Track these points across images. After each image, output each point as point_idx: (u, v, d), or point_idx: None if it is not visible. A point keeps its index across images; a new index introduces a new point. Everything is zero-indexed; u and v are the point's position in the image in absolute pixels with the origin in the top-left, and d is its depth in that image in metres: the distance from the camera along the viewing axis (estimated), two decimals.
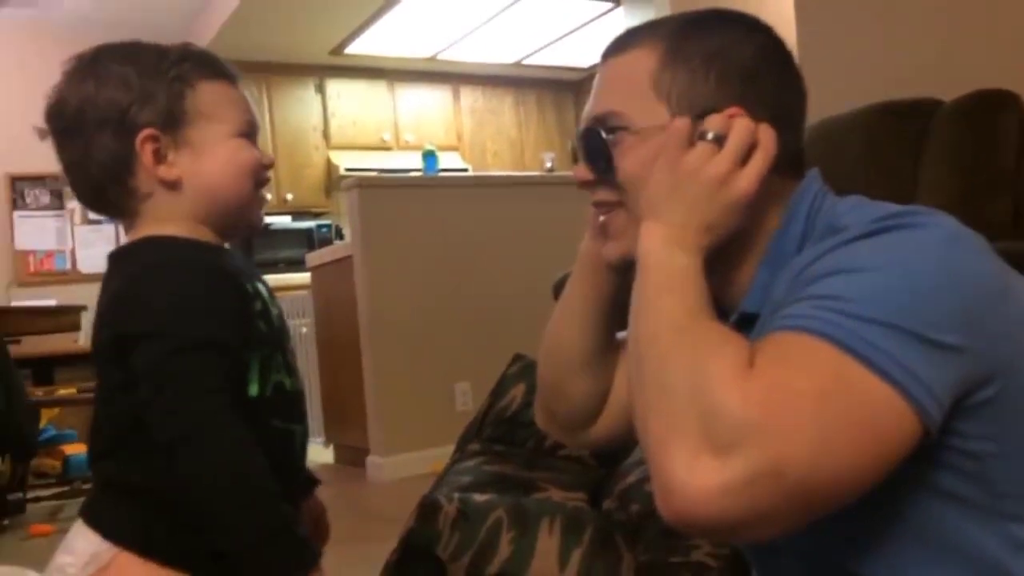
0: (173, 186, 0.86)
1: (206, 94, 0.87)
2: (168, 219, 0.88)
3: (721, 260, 0.77)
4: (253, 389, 0.85)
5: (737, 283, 0.79)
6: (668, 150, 0.74)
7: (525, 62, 6.43)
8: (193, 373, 0.79)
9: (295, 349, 0.96)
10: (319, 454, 4.45)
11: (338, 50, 5.79)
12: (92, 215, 5.57)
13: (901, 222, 0.66)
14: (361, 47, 5.78)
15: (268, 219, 5.85)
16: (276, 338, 0.89)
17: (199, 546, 0.82)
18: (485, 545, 1.23)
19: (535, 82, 6.82)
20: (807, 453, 0.57)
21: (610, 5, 5.28)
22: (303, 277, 4.63)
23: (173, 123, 0.85)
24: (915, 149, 1.96)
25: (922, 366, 0.59)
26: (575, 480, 1.58)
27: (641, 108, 0.78)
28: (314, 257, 4.27)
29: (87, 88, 0.85)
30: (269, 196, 0.96)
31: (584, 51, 6.27)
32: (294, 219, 5.96)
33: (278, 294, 3.91)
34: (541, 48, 6.16)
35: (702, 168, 0.73)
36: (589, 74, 6.79)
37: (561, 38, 5.97)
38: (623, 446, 0.93)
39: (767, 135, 0.74)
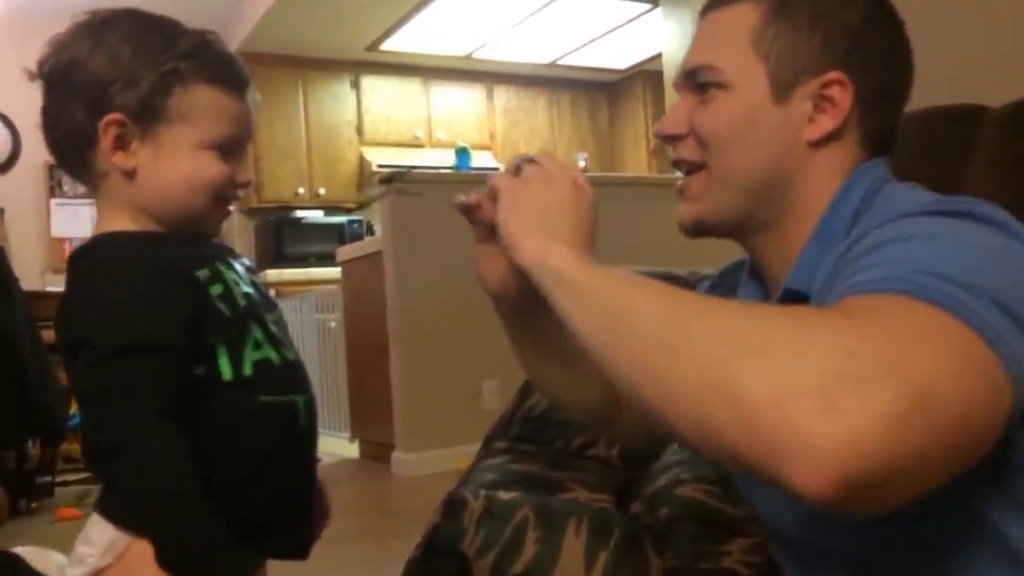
0: (128, 175, 0.84)
1: (195, 97, 0.84)
2: (121, 206, 0.87)
3: (770, 228, 0.74)
4: (226, 372, 0.84)
5: (783, 256, 0.76)
6: (505, 184, 0.76)
7: (560, 62, 6.41)
8: (119, 382, 0.78)
9: (284, 321, 0.95)
10: (344, 448, 4.46)
11: (374, 46, 5.81)
12: None
13: (962, 208, 0.62)
14: (397, 44, 5.80)
15: (299, 213, 5.89)
16: (246, 317, 0.87)
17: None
18: (510, 543, 1.21)
19: (569, 83, 6.80)
20: (945, 385, 0.50)
21: (648, 6, 5.24)
22: (333, 272, 4.64)
23: (147, 116, 0.83)
24: (961, 155, 1.92)
25: (1007, 331, 0.53)
26: (602, 481, 1.56)
27: (738, 65, 0.75)
28: (345, 252, 4.29)
29: (81, 50, 0.83)
30: (233, 209, 0.92)
31: (620, 53, 6.24)
32: (326, 214, 5.99)
33: (307, 288, 3.95)
34: (577, 48, 6.13)
35: (549, 181, 0.74)
36: (625, 76, 6.76)
37: (597, 39, 5.94)
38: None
39: (841, 94, 0.72)
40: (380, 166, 5.66)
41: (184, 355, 0.81)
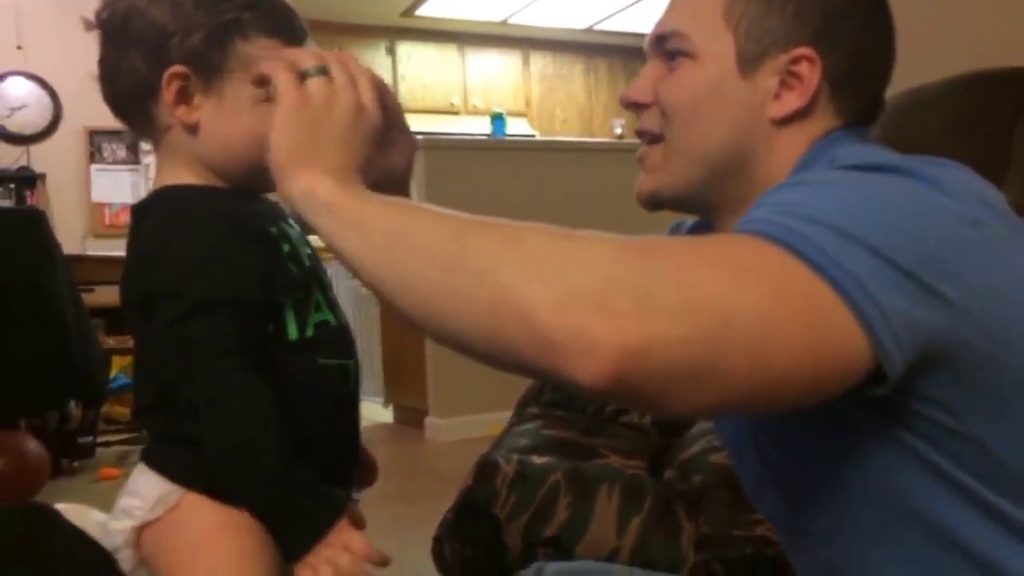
0: (191, 129, 0.83)
1: (255, 48, 0.81)
2: (184, 161, 0.85)
3: (734, 204, 0.72)
4: (292, 332, 0.83)
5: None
6: (286, 95, 0.70)
7: (597, 28, 6.32)
8: (208, 335, 0.77)
9: (333, 284, 0.95)
10: (378, 414, 4.50)
11: (409, 11, 5.77)
12: None
13: (884, 162, 0.60)
14: (433, 9, 5.75)
15: None
16: (310, 278, 0.87)
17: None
18: (543, 507, 1.22)
19: (606, 48, 6.71)
20: (739, 310, 0.51)
21: None
22: None
23: (209, 67, 0.81)
24: (1010, 120, 1.86)
25: (880, 288, 0.52)
26: (635, 448, 1.55)
27: (707, 34, 0.72)
28: None
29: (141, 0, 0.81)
30: None
31: (657, 18, 6.13)
32: None
33: None
34: (614, 14, 6.04)
35: (331, 104, 0.70)
36: None
37: (634, 4, 5.84)
38: None
39: (810, 71, 0.70)
40: (415, 133, 5.64)
41: (262, 311, 0.81)
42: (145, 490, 0.82)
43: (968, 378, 0.57)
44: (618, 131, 5.29)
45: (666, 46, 0.75)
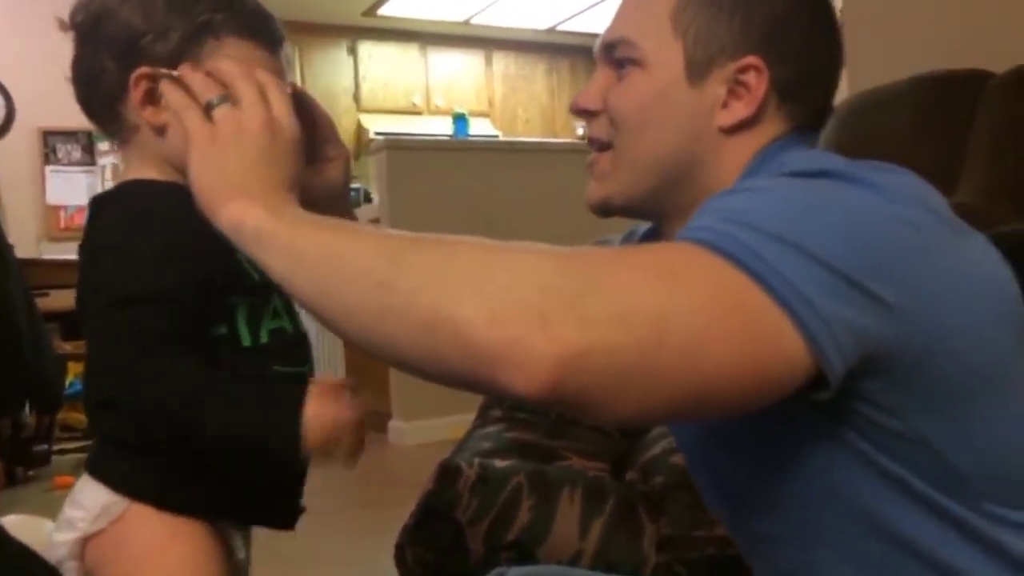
0: (158, 130, 0.81)
1: (227, 50, 0.80)
2: (151, 161, 0.84)
3: (684, 212, 0.71)
4: (245, 338, 0.82)
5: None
6: (194, 134, 0.70)
7: (559, 28, 6.34)
8: (131, 328, 0.76)
9: None
10: None
11: (371, 11, 5.74)
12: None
13: (827, 168, 0.60)
14: (394, 9, 5.72)
15: None
16: (270, 284, 0.85)
17: (212, 491, 0.80)
18: (505, 510, 1.21)
19: (569, 49, 6.72)
20: (674, 317, 0.51)
21: None
22: None
23: (176, 66, 0.79)
24: (965, 122, 1.90)
25: (820, 295, 0.52)
26: (597, 450, 1.55)
27: (655, 42, 0.72)
28: None
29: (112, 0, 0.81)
30: None
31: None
32: None
33: None
34: (576, 14, 6.06)
35: (240, 130, 0.69)
36: None
37: (596, 4, 5.86)
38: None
39: (757, 80, 0.70)
40: (377, 133, 5.62)
41: (196, 313, 0.79)
42: (88, 500, 0.80)
43: (908, 380, 0.57)
44: (580, 132, 5.31)
45: (614, 54, 0.75)
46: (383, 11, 5.74)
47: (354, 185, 6.11)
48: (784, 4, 0.72)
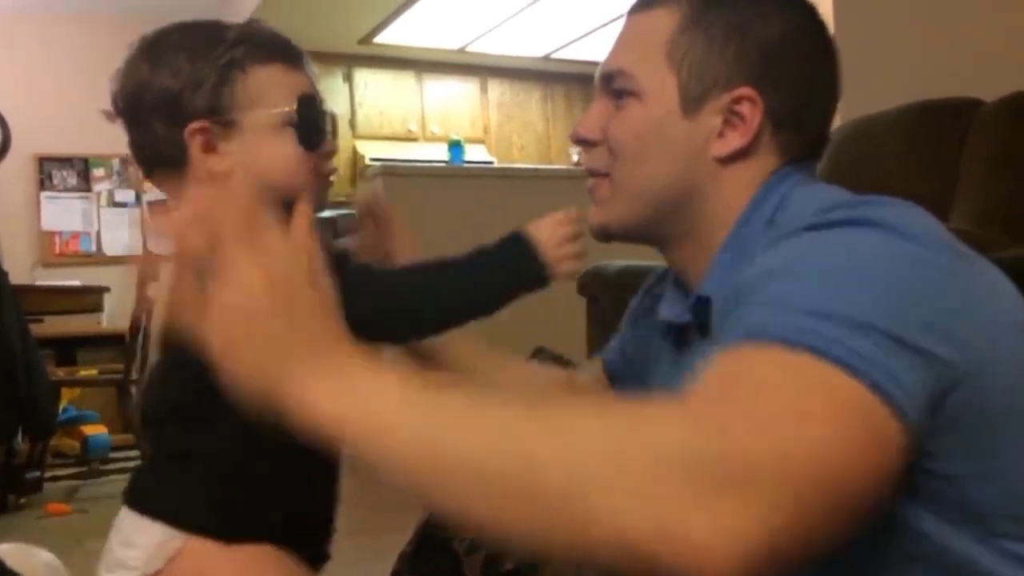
0: (227, 176, 0.83)
1: (257, 79, 0.83)
2: None
3: (684, 238, 0.73)
4: None
5: (699, 266, 0.75)
6: (218, 325, 0.58)
7: (554, 56, 6.38)
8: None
9: None
10: None
11: (367, 39, 5.78)
12: (117, 198, 5.58)
13: (851, 215, 0.59)
14: (390, 37, 5.76)
15: None
16: None
17: (272, 514, 0.79)
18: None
19: (564, 77, 6.77)
20: (833, 461, 0.48)
21: None
22: None
23: (223, 111, 0.82)
24: (956, 148, 1.91)
25: (894, 364, 0.51)
26: None
27: (651, 73, 0.73)
28: (337, 245, 4.26)
29: (142, 73, 0.84)
30: (333, 178, 0.92)
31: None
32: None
33: None
34: (571, 42, 6.10)
35: (243, 301, 0.57)
36: None
37: (591, 32, 5.91)
38: None
39: (751, 111, 0.70)
40: (373, 159, 5.63)
41: None
42: (142, 540, 0.78)
43: (952, 424, 0.56)
44: (575, 158, 5.33)
45: (612, 85, 0.76)
46: (379, 39, 5.78)
47: (349, 211, 6.11)
48: (778, 34, 0.72)
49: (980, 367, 0.56)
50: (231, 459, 0.79)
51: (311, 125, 0.85)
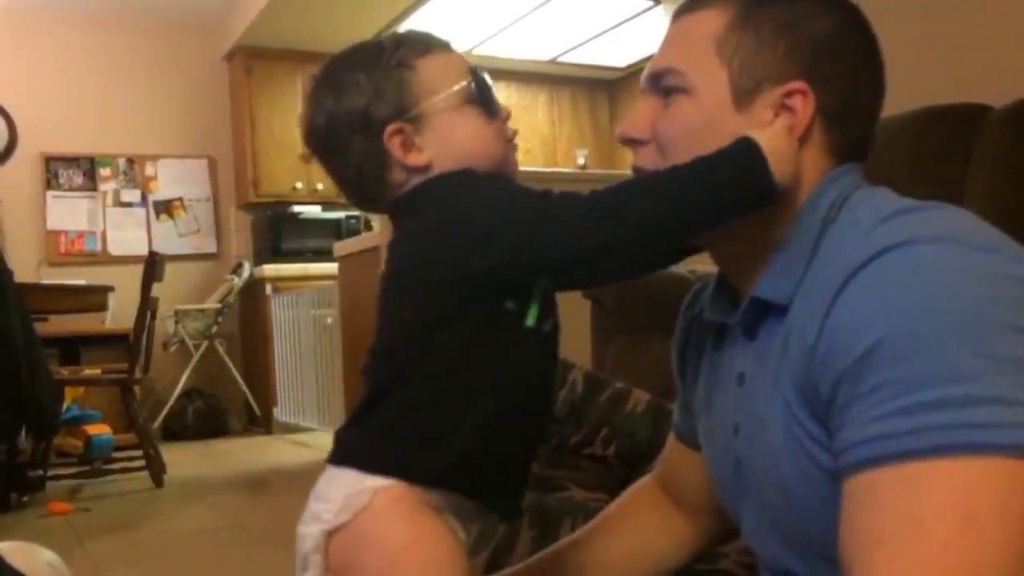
0: (425, 170, 0.87)
1: (427, 70, 0.88)
2: None
3: (734, 236, 0.72)
4: (530, 319, 0.82)
5: (749, 264, 0.75)
6: None
7: (561, 60, 6.38)
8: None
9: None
10: None
11: None
12: (124, 198, 5.59)
13: (915, 234, 0.61)
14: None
15: (297, 208, 5.87)
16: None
17: (465, 460, 0.79)
18: (506, 541, 1.20)
19: (570, 80, 6.77)
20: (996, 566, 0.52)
21: (649, 3, 5.22)
22: (331, 267, 4.62)
23: (407, 108, 0.86)
24: (963, 155, 1.90)
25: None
26: (598, 480, 1.54)
27: (701, 70, 0.74)
28: (341, 247, 4.26)
29: (327, 104, 0.88)
30: (516, 141, 0.94)
31: (621, 50, 6.21)
32: (324, 209, 5.97)
33: (304, 284, 3.93)
34: (577, 46, 6.11)
35: None
36: (626, 74, 6.74)
37: (598, 36, 5.91)
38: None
39: (803, 104, 0.71)
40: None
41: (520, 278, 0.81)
42: (333, 492, 0.80)
43: None
44: (581, 161, 5.33)
45: (662, 83, 0.76)
46: None
47: (354, 213, 6.14)
48: (829, 30, 0.73)
49: None
50: (433, 399, 0.79)
51: (487, 94, 0.90)
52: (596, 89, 6.93)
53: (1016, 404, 0.53)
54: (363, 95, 0.86)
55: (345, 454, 0.82)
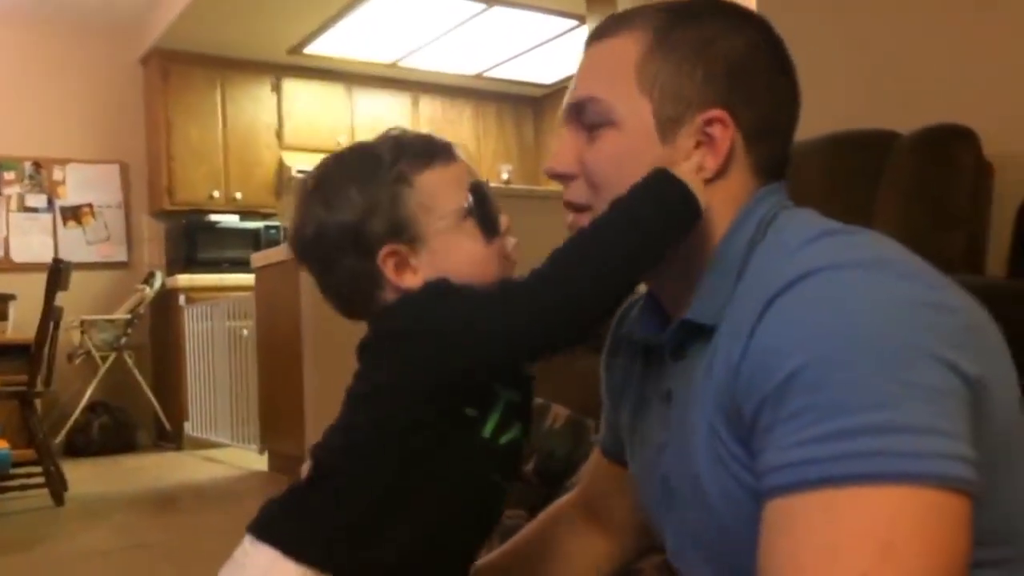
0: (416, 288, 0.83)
1: (425, 186, 0.83)
2: None
3: (671, 260, 0.72)
4: (487, 430, 0.79)
5: (680, 287, 0.75)
6: None
7: (486, 75, 6.41)
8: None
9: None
10: (253, 461, 4.32)
11: (297, 49, 5.70)
12: (29, 202, 5.38)
13: (837, 259, 0.62)
14: (321, 48, 5.70)
15: (214, 217, 5.72)
16: (526, 403, 0.85)
17: (397, 567, 0.77)
18: None
19: (496, 95, 6.80)
20: None
21: (575, 23, 5.29)
22: (248, 278, 4.52)
23: (403, 228, 0.82)
24: (872, 180, 1.96)
25: (942, 432, 0.54)
26: (517, 498, 1.53)
27: (624, 99, 0.73)
28: (259, 258, 4.17)
29: (319, 214, 0.83)
30: (513, 241, 0.88)
31: (546, 67, 6.27)
32: (242, 218, 5.83)
33: (220, 295, 3.81)
34: (503, 61, 6.14)
35: None
36: (551, 91, 6.80)
37: (524, 53, 5.96)
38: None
39: (722, 132, 0.71)
40: (299, 171, 5.55)
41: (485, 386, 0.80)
42: (249, 564, 0.77)
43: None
44: (505, 176, 5.34)
45: (585, 115, 0.75)
46: (309, 50, 5.71)
47: (274, 223, 6.02)
48: (743, 50, 0.73)
49: (987, 385, 0.58)
50: (376, 496, 0.77)
51: (488, 211, 0.85)
52: (521, 105, 6.98)
53: (933, 432, 0.54)
54: (356, 211, 0.82)
55: (268, 528, 0.78)
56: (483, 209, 0.84)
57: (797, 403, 0.57)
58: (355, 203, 0.82)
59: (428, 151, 0.85)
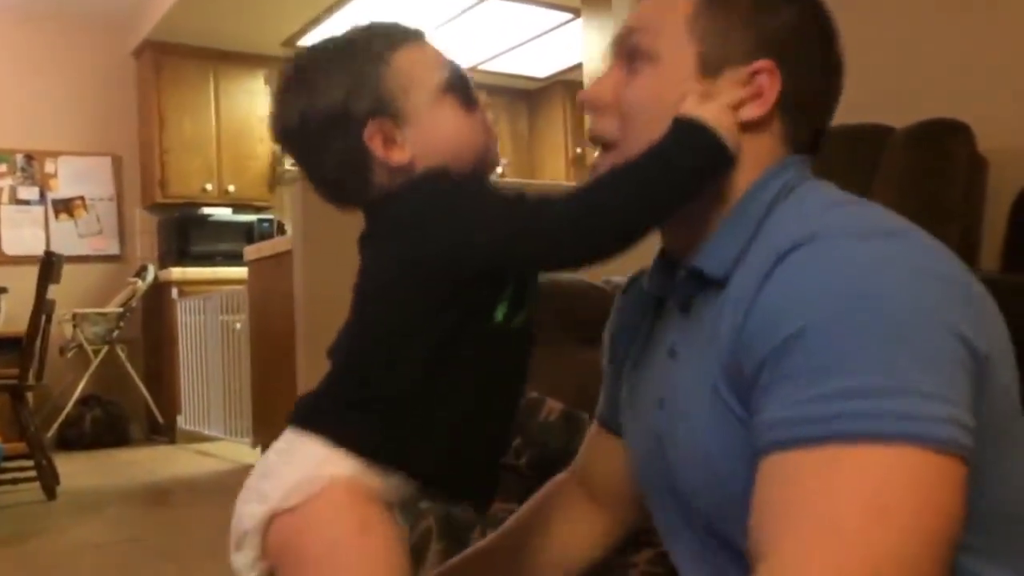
0: (408, 167, 0.83)
1: (402, 64, 0.84)
2: None
3: (688, 210, 0.72)
4: (499, 314, 0.79)
5: (694, 238, 0.75)
6: None
7: (481, 68, 6.39)
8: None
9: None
10: (246, 455, 4.32)
11: (290, 42, 5.68)
12: (20, 195, 5.36)
13: (896, 228, 0.63)
14: (315, 40, 5.67)
15: (207, 210, 5.70)
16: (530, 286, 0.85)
17: (432, 453, 0.77)
18: (414, 554, 1.17)
19: (490, 89, 6.78)
20: (921, 546, 0.53)
21: (569, 16, 5.28)
22: (240, 272, 4.50)
23: (386, 104, 0.83)
24: (866, 174, 1.97)
25: (960, 409, 0.55)
26: (509, 490, 1.53)
27: (670, 40, 0.74)
28: (252, 251, 4.16)
29: (300, 102, 0.84)
30: (491, 116, 0.90)
31: (540, 61, 6.26)
32: (235, 211, 5.82)
33: (213, 288, 3.81)
34: (497, 55, 6.13)
35: None
36: (545, 84, 6.79)
37: (518, 46, 5.95)
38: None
39: (770, 83, 0.72)
40: (293, 165, 5.52)
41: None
42: (287, 471, 0.75)
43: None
44: (499, 170, 5.34)
45: (629, 42, 0.76)
46: (303, 42, 5.69)
47: (267, 216, 6.00)
48: (798, 17, 0.74)
49: (992, 364, 0.59)
50: (410, 395, 0.77)
51: (465, 85, 0.87)
52: (516, 98, 6.97)
53: (932, 397, 0.54)
54: (339, 91, 0.83)
55: (314, 417, 0.78)
56: (461, 83, 0.86)
57: (797, 363, 0.58)
58: (336, 85, 0.83)
59: (400, 32, 0.88)
